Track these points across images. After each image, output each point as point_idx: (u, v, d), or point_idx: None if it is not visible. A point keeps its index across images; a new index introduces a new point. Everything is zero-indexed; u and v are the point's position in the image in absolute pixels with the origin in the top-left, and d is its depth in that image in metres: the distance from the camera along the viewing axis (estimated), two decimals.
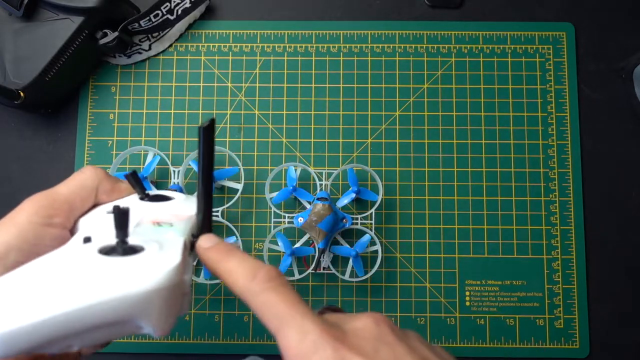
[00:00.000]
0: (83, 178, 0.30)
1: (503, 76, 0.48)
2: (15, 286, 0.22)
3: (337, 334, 0.22)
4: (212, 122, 0.26)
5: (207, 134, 0.26)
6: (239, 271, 0.24)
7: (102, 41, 0.44)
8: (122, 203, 0.30)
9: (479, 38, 0.49)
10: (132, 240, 0.24)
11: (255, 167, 0.47)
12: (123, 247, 0.24)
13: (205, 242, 0.27)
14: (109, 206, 0.30)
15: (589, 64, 0.49)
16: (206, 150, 0.27)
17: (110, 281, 0.22)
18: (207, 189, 0.27)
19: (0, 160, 0.47)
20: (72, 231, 0.29)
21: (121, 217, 0.24)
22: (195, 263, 0.45)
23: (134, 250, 0.24)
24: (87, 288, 0.21)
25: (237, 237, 0.44)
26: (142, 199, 0.31)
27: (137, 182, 0.31)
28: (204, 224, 0.28)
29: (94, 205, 0.31)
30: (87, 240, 0.25)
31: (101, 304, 0.21)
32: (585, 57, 0.49)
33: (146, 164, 0.45)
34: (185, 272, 0.25)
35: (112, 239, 0.25)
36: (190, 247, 0.27)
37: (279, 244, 0.44)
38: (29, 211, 0.27)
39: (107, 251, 0.24)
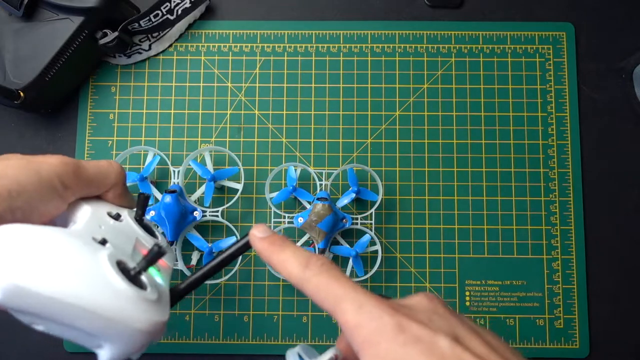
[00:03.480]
0: (110, 171, 0.31)
1: (503, 76, 0.48)
2: (39, 250, 0.23)
3: (392, 305, 0.23)
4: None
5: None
6: (292, 261, 0.26)
7: (102, 41, 0.44)
8: (122, 213, 0.32)
9: (479, 38, 0.49)
10: (131, 264, 0.26)
11: (255, 167, 0.47)
12: (134, 273, 0.25)
13: (259, 232, 0.28)
14: (108, 207, 0.31)
15: (589, 64, 0.49)
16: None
17: (108, 299, 0.23)
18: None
19: None
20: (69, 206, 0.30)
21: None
22: (195, 263, 0.45)
23: (140, 284, 0.25)
24: (86, 291, 0.23)
25: (237, 237, 0.44)
26: (136, 219, 0.32)
27: (144, 206, 0.33)
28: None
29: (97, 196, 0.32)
30: (103, 242, 0.26)
31: (88, 312, 0.23)
32: (585, 57, 0.49)
33: (146, 164, 0.45)
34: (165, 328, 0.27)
35: (124, 250, 0.27)
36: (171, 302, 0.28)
37: None
38: (55, 172, 0.27)
39: (121, 267, 0.25)
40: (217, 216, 0.45)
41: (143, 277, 0.26)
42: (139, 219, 0.32)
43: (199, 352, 0.45)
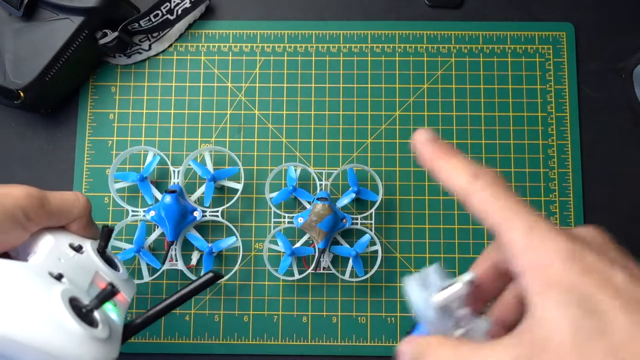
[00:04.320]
0: (75, 204, 0.31)
1: (503, 76, 0.48)
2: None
3: (564, 231, 0.21)
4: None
5: None
6: (460, 170, 0.24)
7: (102, 41, 0.44)
8: (84, 244, 0.32)
9: (479, 38, 0.49)
10: (86, 300, 0.26)
11: (255, 167, 0.47)
12: (86, 310, 0.25)
13: (423, 134, 0.25)
14: (70, 238, 0.31)
15: (589, 64, 0.49)
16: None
17: (56, 337, 0.23)
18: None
19: (0, 160, 0.47)
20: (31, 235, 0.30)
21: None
22: (195, 263, 0.45)
23: (92, 321, 0.25)
24: (34, 328, 0.23)
25: (237, 237, 0.44)
26: (99, 251, 0.32)
27: (107, 238, 0.32)
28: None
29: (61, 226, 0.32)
30: (58, 277, 0.27)
31: (35, 349, 0.23)
32: (585, 57, 0.49)
33: (146, 164, 0.45)
34: None
35: (80, 284, 0.28)
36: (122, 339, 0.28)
37: (279, 244, 0.44)
38: (19, 205, 0.27)
39: (73, 304, 0.25)
40: (217, 216, 0.45)
41: (96, 314, 0.26)
42: (102, 251, 0.32)
43: (199, 352, 0.45)
